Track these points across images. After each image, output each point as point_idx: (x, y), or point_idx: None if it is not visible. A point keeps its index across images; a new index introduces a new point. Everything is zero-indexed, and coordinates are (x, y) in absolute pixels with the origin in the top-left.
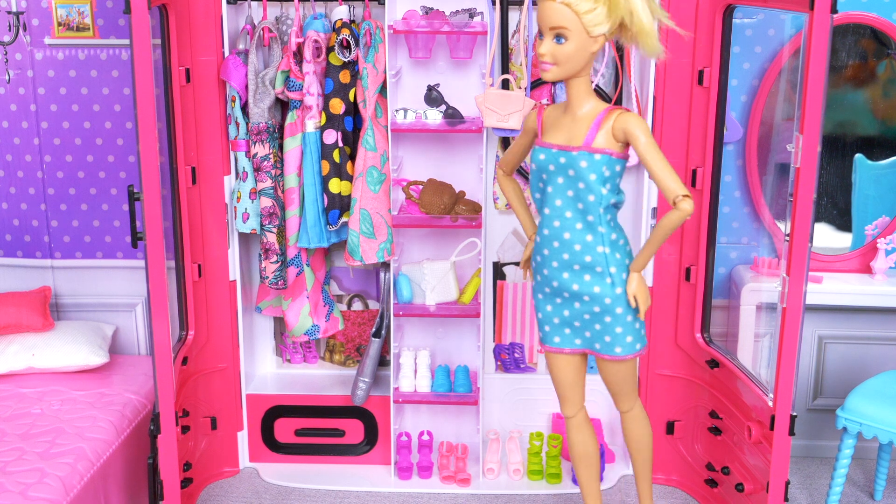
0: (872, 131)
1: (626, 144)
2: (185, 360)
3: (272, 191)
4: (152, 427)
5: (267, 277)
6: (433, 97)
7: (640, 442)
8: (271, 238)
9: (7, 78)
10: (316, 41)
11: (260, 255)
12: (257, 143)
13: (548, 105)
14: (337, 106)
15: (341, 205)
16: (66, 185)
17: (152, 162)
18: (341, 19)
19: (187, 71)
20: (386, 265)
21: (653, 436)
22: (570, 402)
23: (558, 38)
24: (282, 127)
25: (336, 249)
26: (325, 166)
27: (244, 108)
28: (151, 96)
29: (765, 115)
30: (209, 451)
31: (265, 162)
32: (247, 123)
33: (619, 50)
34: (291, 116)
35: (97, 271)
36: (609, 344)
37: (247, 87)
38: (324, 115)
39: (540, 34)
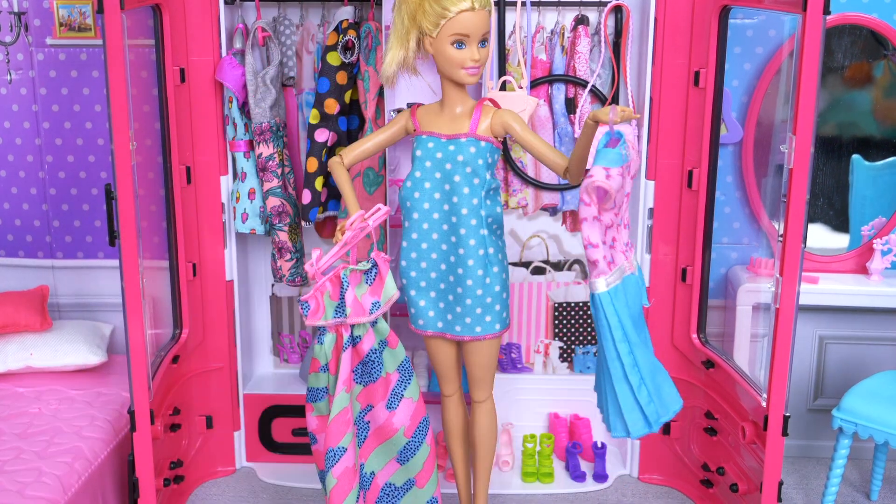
0: (869, 132)
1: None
2: (175, 359)
3: (280, 189)
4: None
5: (284, 276)
6: None
7: (489, 432)
8: (283, 237)
9: (9, 78)
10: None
11: (273, 255)
12: (261, 144)
13: (420, 106)
14: (331, 106)
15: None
16: (67, 185)
17: (126, 161)
18: (347, 20)
19: (182, 71)
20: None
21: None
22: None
23: (483, 42)
24: (286, 125)
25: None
26: (313, 163)
27: (242, 108)
28: (125, 96)
29: (761, 116)
30: (204, 450)
31: (270, 161)
32: (246, 124)
33: (616, 52)
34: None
35: (99, 271)
36: (469, 325)
37: (244, 87)
38: (317, 113)
39: (458, 43)
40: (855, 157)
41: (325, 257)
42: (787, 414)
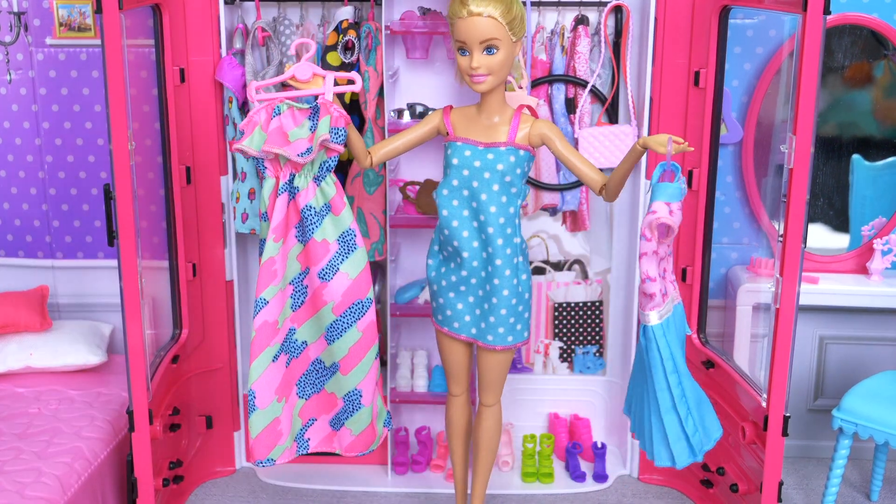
0: (870, 132)
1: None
2: (175, 359)
3: None
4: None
5: None
6: (419, 113)
7: (494, 435)
8: None
9: (8, 78)
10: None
11: None
12: None
13: (453, 108)
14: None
15: None
16: (67, 185)
17: (124, 161)
18: (347, 20)
19: (182, 71)
20: (378, 265)
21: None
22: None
23: (489, 49)
24: None
25: None
26: None
27: (242, 108)
28: (123, 96)
29: (761, 116)
30: (204, 450)
31: None
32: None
33: (616, 52)
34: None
35: (98, 271)
36: (502, 335)
37: (244, 86)
38: None
39: (462, 50)
40: (855, 157)
41: (265, 82)
42: (788, 414)
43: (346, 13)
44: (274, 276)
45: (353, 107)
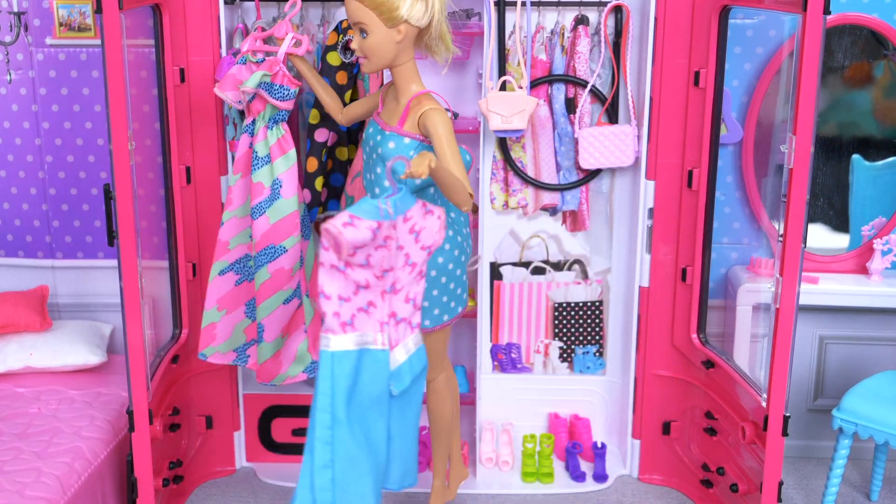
0: (870, 132)
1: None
2: (175, 359)
3: None
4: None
5: None
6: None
7: (436, 414)
8: None
9: (8, 78)
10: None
11: None
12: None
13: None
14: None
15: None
16: (67, 185)
17: (124, 161)
18: (347, 20)
19: (182, 71)
20: None
21: (454, 413)
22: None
23: (363, 32)
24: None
25: None
26: (313, 163)
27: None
28: (123, 96)
29: (761, 116)
30: (204, 450)
31: None
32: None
33: (616, 52)
34: (279, 130)
35: (98, 271)
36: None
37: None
38: (317, 113)
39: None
40: (855, 157)
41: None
42: (787, 414)
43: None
44: (230, 203)
45: None
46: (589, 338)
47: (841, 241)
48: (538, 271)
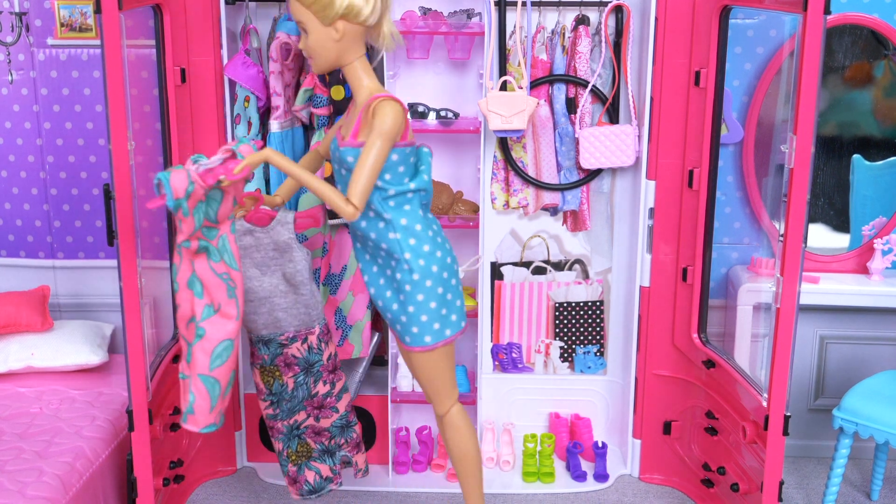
0: (870, 132)
1: (401, 131)
2: (175, 359)
3: None
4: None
5: None
6: (420, 112)
7: (461, 451)
8: None
9: (10, 78)
10: (286, 43)
11: None
12: None
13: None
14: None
15: None
16: (68, 185)
17: (124, 161)
18: None
19: (183, 71)
20: None
21: (477, 448)
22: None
23: (305, 31)
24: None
25: None
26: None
27: (260, 110)
28: (123, 97)
29: (761, 116)
30: (205, 449)
31: None
32: (260, 124)
33: (616, 51)
34: (319, 135)
35: (99, 271)
36: (408, 334)
37: (264, 84)
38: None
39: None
40: (855, 156)
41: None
42: (788, 413)
43: None
44: None
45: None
46: (590, 338)
47: (841, 240)
48: (539, 271)
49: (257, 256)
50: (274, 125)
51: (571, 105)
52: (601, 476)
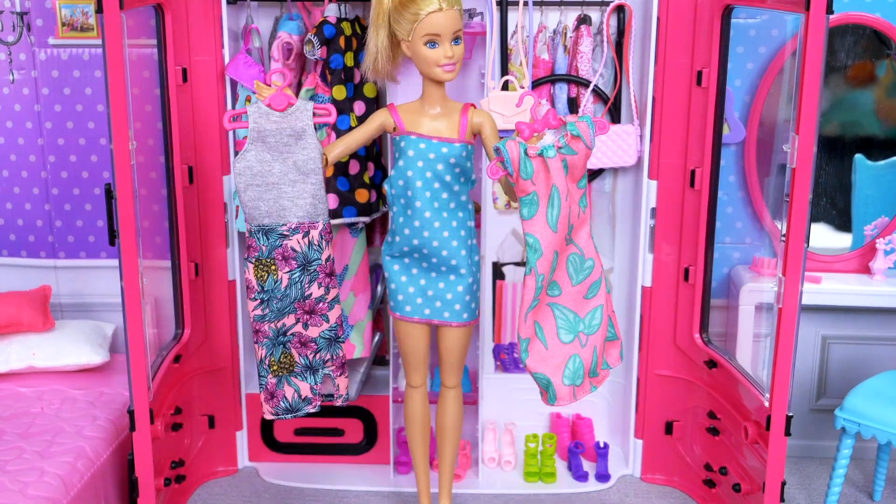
0: (872, 132)
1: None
2: (177, 358)
3: None
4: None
5: None
6: None
7: (460, 418)
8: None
9: (11, 78)
10: (288, 42)
11: None
12: None
13: (396, 105)
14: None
15: None
16: (69, 185)
17: (125, 161)
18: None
19: (184, 70)
20: (378, 265)
21: None
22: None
23: (456, 40)
24: None
25: None
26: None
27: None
28: (124, 96)
29: (763, 116)
30: (206, 449)
31: None
32: None
33: (618, 51)
34: (321, 134)
35: (101, 271)
36: (458, 312)
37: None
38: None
39: (431, 43)
40: (858, 156)
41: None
42: (790, 414)
43: (331, 10)
44: None
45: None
46: None
47: (843, 240)
48: None
49: (271, 141)
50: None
51: (573, 105)
52: (603, 476)
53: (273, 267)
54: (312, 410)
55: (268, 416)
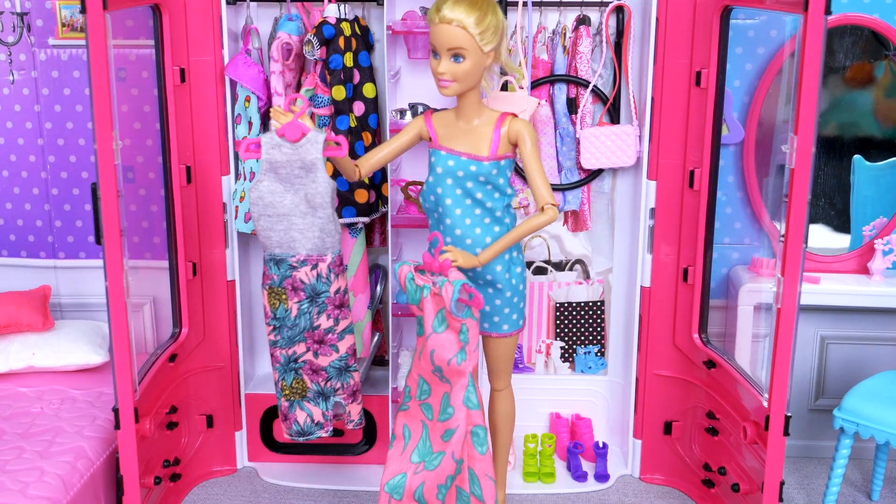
0: (871, 132)
1: (515, 145)
2: (172, 357)
3: None
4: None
5: None
6: (421, 112)
7: (509, 417)
8: None
9: (11, 78)
10: (287, 43)
11: None
12: None
13: (434, 111)
14: (340, 100)
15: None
16: (69, 185)
17: (109, 160)
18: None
19: (182, 71)
20: (379, 265)
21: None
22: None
23: (456, 57)
24: None
25: None
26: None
27: (261, 110)
28: (108, 96)
29: (762, 117)
30: (205, 449)
31: None
32: (261, 124)
33: (617, 52)
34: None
35: (100, 271)
36: (497, 324)
37: (265, 84)
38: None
39: (435, 53)
40: (856, 157)
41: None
42: (789, 414)
43: (331, 11)
44: None
45: (348, 105)
46: (590, 338)
47: (842, 241)
48: (540, 271)
49: (283, 172)
50: (275, 125)
51: (572, 105)
52: (602, 476)
53: (284, 296)
54: (325, 435)
55: (285, 436)
